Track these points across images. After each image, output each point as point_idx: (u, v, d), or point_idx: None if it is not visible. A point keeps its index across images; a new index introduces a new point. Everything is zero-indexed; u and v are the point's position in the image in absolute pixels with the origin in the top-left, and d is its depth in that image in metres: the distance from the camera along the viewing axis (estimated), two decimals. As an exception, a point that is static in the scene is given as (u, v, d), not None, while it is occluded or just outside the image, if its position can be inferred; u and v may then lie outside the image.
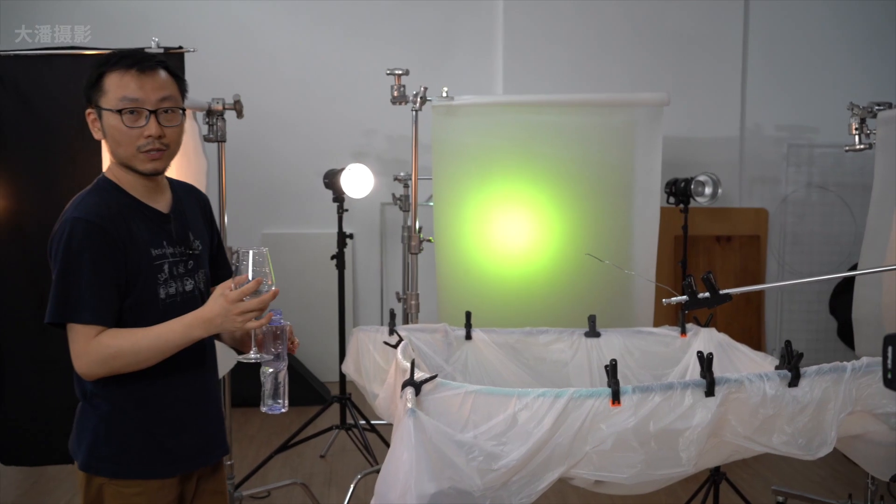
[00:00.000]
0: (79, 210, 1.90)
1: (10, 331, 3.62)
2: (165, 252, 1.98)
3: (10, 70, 3.46)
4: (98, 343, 1.85)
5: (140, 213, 1.97)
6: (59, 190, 3.50)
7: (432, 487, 1.93)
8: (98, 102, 1.93)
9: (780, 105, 6.11)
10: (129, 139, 1.92)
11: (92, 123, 1.98)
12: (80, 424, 2.01)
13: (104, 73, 1.92)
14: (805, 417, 2.14)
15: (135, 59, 1.92)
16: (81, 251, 1.86)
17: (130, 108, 1.90)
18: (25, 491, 4.14)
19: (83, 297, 1.85)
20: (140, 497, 1.94)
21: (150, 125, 1.91)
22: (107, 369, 1.88)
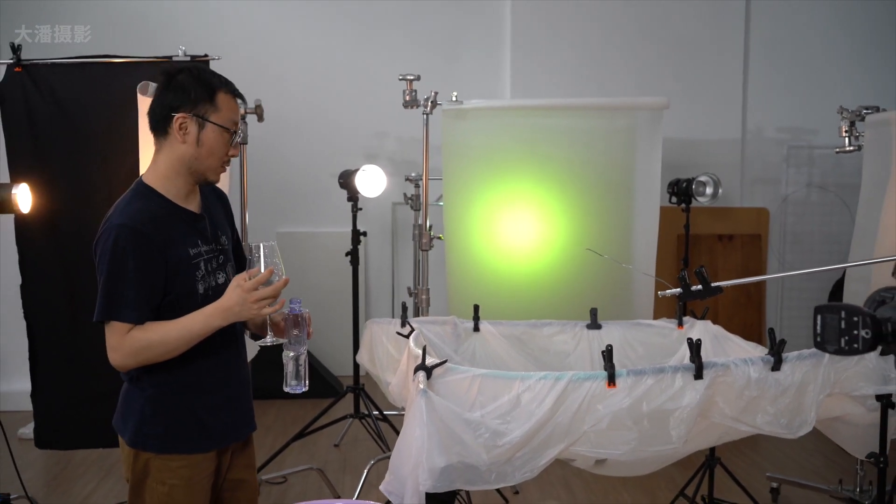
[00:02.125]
0: (123, 216, 2.02)
1: (43, 323, 3.83)
2: (201, 250, 2.13)
3: (45, 77, 3.66)
4: (130, 337, 2.00)
5: (177, 216, 2.11)
6: (92, 190, 3.72)
7: (442, 461, 2.12)
8: (207, 115, 2.06)
9: (780, 107, 6.27)
10: (222, 154, 2.12)
11: (180, 128, 2.06)
12: (126, 404, 2.18)
13: (216, 91, 2.08)
14: (787, 399, 2.31)
15: (235, 88, 2.14)
16: (126, 256, 1.99)
17: (234, 130, 2.11)
18: (55, 476, 4.34)
19: (127, 298, 1.99)
20: (184, 470, 2.13)
21: (237, 148, 2.17)
22: (139, 360, 2.04)
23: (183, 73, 2.09)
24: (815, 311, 1.38)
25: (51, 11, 5.65)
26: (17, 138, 3.72)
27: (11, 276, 3.82)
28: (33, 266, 3.80)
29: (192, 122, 2.06)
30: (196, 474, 2.15)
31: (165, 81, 2.10)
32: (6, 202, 2.98)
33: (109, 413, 3.86)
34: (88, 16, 5.65)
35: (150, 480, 2.13)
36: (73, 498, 4.04)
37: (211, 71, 2.15)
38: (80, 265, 3.79)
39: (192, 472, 2.14)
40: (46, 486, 4.21)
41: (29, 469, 4.32)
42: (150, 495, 2.14)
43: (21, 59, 3.69)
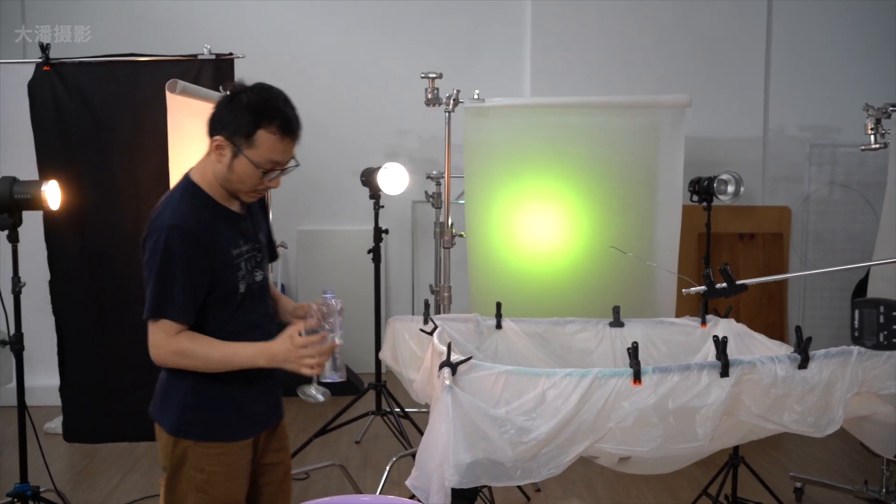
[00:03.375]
0: (174, 218, 2.05)
1: (71, 318, 3.89)
2: (242, 250, 2.17)
3: (73, 76, 3.71)
4: (176, 340, 2.05)
5: (222, 216, 2.16)
6: (118, 187, 3.77)
7: (468, 457, 2.13)
8: (242, 149, 2.05)
9: (803, 105, 6.23)
10: (252, 184, 2.12)
11: (217, 149, 2.07)
12: (165, 394, 2.22)
13: (260, 127, 2.04)
14: (814, 397, 2.30)
15: (291, 127, 2.08)
16: (176, 257, 2.03)
17: (269, 168, 2.09)
18: (81, 469, 4.38)
19: (176, 298, 2.03)
20: (223, 457, 2.18)
21: (277, 180, 2.14)
22: (176, 363, 2.09)
23: (245, 94, 2.07)
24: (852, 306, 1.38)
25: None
26: (46, 136, 3.78)
27: (40, 272, 3.86)
28: (61, 262, 3.85)
29: (227, 147, 2.07)
30: (235, 461, 2.20)
31: (229, 98, 2.10)
32: (36, 199, 3.03)
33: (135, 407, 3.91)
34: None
35: (186, 468, 2.17)
36: (98, 491, 4.08)
37: (273, 100, 2.08)
38: (107, 261, 3.84)
39: (231, 458, 2.19)
40: (73, 479, 4.26)
41: (56, 462, 4.37)
42: (186, 483, 2.18)
43: (49, 58, 3.74)
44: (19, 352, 3.21)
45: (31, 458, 3.38)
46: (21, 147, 3.92)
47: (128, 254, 3.80)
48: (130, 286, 3.84)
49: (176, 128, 3.03)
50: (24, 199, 3.01)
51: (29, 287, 3.26)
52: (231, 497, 2.21)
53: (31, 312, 4.03)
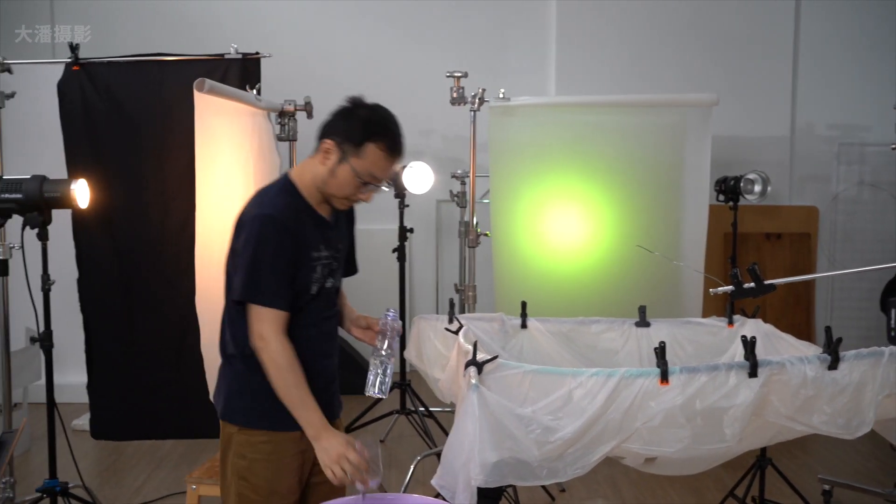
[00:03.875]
0: (271, 208, 2.14)
1: (99, 316, 3.93)
2: (321, 255, 2.22)
3: (102, 75, 3.75)
4: (284, 345, 2.11)
5: (311, 218, 2.22)
6: (146, 186, 3.81)
7: (494, 456, 2.13)
8: (349, 156, 2.15)
9: (831, 104, 6.16)
10: (350, 192, 2.20)
11: (325, 152, 2.17)
12: (220, 379, 2.29)
13: (369, 141, 2.15)
14: (844, 398, 2.27)
15: (397, 148, 2.20)
16: (270, 244, 2.10)
17: (369, 181, 2.18)
18: (108, 467, 4.43)
19: (271, 285, 2.11)
20: (266, 445, 2.21)
21: (371, 194, 2.23)
22: (267, 363, 2.12)
23: (364, 109, 2.21)
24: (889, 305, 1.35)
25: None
26: (75, 135, 3.82)
27: (68, 271, 3.91)
28: (89, 260, 3.89)
29: (335, 152, 2.16)
30: (278, 451, 2.21)
31: (347, 108, 2.21)
32: (65, 197, 3.06)
33: (162, 405, 3.98)
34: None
35: (230, 454, 2.23)
36: (126, 488, 4.12)
37: (386, 120, 2.21)
38: (135, 260, 3.88)
39: (274, 448, 2.21)
40: (100, 475, 4.30)
41: (83, 459, 4.41)
42: (231, 469, 2.23)
43: (79, 59, 3.78)
44: (48, 349, 3.24)
45: (60, 455, 3.42)
46: (51, 146, 3.96)
47: (155, 252, 3.85)
48: (158, 285, 3.88)
49: (203, 127, 3.04)
50: (54, 197, 3.04)
51: (58, 285, 3.30)
52: (271, 486, 2.22)
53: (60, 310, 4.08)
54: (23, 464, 4.40)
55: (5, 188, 3.03)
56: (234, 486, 2.23)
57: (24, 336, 4.34)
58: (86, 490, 3.58)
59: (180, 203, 3.67)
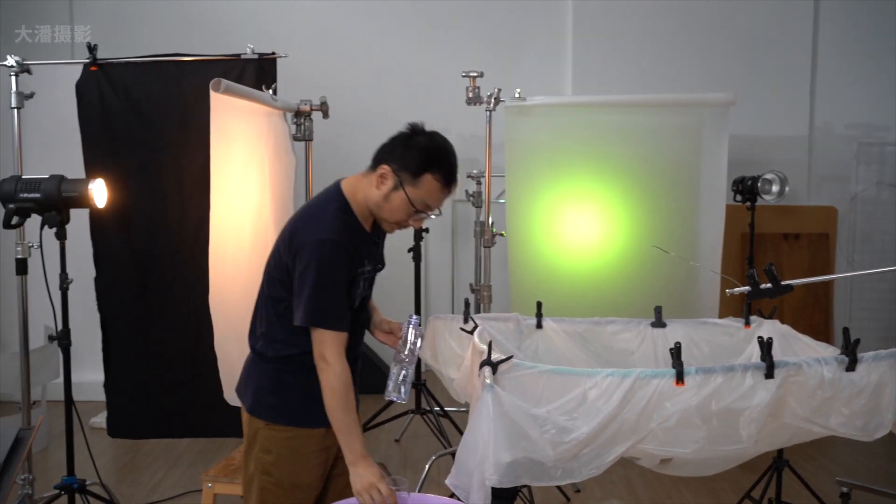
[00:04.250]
0: (333, 232, 2.18)
1: (116, 315, 3.96)
2: (365, 270, 2.30)
3: (120, 76, 3.78)
4: (345, 369, 2.18)
5: (360, 236, 2.28)
6: (163, 186, 3.83)
7: (508, 456, 2.12)
8: (405, 184, 2.19)
9: (850, 103, 6.10)
10: (402, 218, 2.26)
11: (382, 177, 2.21)
12: (248, 374, 2.34)
13: (426, 171, 2.19)
14: (862, 400, 2.25)
15: (454, 177, 2.24)
16: (333, 269, 2.16)
17: (422, 210, 2.24)
18: (124, 465, 4.46)
19: (335, 309, 2.18)
20: (291, 441, 2.27)
21: (419, 222, 2.30)
22: (324, 382, 2.18)
23: (422, 137, 2.23)
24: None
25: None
26: (93, 135, 3.84)
27: (86, 270, 3.93)
28: (107, 259, 3.92)
29: (391, 178, 2.20)
30: (302, 446, 2.28)
31: (406, 134, 2.25)
32: (83, 197, 3.07)
33: (178, 404, 4.00)
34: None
35: (256, 449, 2.28)
36: (142, 486, 4.14)
37: (444, 151, 2.23)
38: (152, 259, 3.90)
39: (298, 443, 2.27)
40: (117, 473, 4.33)
41: (101, 457, 4.43)
42: (255, 463, 2.29)
43: (97, 59, 3.80)
44: (66, 347, 3.26)
45: (78, 452, 3.45)
46: (69, 146, 3.99)
47: (172, 252, 3.87)
48: (174, 284, 3.90)
49: (219, 126, 3.06)
50: (72, 197, 3.06)
51: (77, 284, 3.32)
52: (294, 480, 2.28)
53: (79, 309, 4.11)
54: (41, 461, 4.43)
55: (24, 188, 3.05)
56: (257, 480, 2.29)
57: (44, 335, 4.37)
58: (103, 487, 3.60)
59: (197, 203, 3.69)
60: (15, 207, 3.06)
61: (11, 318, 5.35)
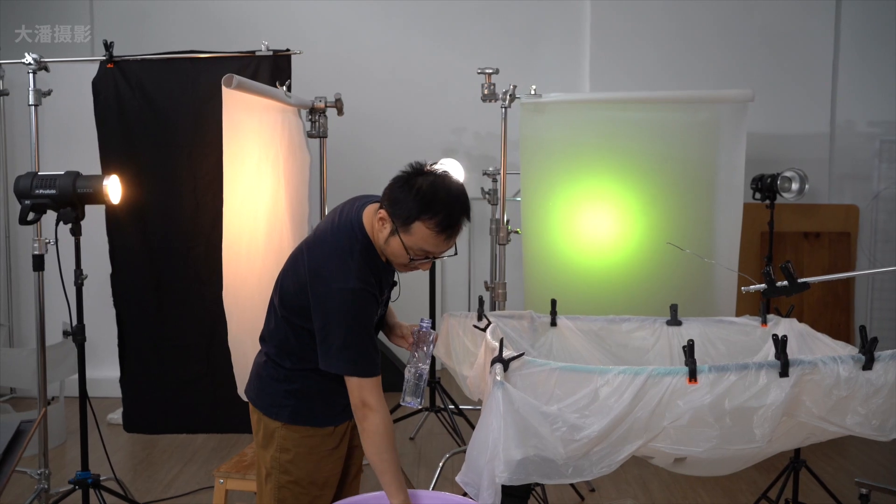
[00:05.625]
0: (359, 281, 2.13)
1: (131, 311, 3.97)
2: (384, 297, 2.34)
3: (136, 73, 3.79)
4: (386, 424, 2.18)
5: (380, 269, 2.25)
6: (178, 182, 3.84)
7: (519, 454, 2.11)
8: (399, 230, 2.14)
9: (872, 100, 6.02)
10: (402, 262, 2.21)
11: (381, 220, 2.17)
12: (261, 378, 2.35)
13: (418, 219, 2.11)
14: (879, 399, 2.21)
15: (451, 225, 2.13)
16: (364, 317, 2.16)
17: (420, 257, 2.18)
18: (140, 461, 4.48)
19: (370, 356, 2.17)
20: (309, 439, 2.29)
21: (425, 265, 2.23)
22: (364, 425, 2.18)
23: (425, 180, 2.14)
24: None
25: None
26: (109, 131, 3.87)
27: (102, 266, 3.96)
28: (122, 255, 3.94)
29: (388, 223, 2.16)
30: (319, 444, 2.30)
31: (405, 177, 2.17)
32: (98, 193, 3.09)
33: (194, 399, 4.01)
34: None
35: (273, 448, 2.30)
36: (157, 482, 4.16)
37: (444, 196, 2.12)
38: (167, 255, 3.92)
39: (316, 441, 2.30)
40: (133, 469, 4.35)
41: (117, 453, 4.48)
42: (272, 462, 2.30)
43: (113, 56, 3.82)
44: (81, 343, 3.28)
45: (95, 448, 3.47)
46: (86, 143, 4.02)
47: (187, 248, 3.89)
48: (189, 280, 3.91)
49: (232, 123, 3.05)
50: (87, 193, 3.08)
51: (94, 281, 3.34)
52: (311, 477, 2.31)
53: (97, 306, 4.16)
54: (58, 456, 4.46)
55: (40, 184, 3.08)
56: (274, 478, 2.30)
57: (61, 331, 4.40)
58: (118, 483, 3.62)
59: (211, 199, 3.71)
60: (31, 203, 3.09)
61: (29, 314, 5.42)
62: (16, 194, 3.11)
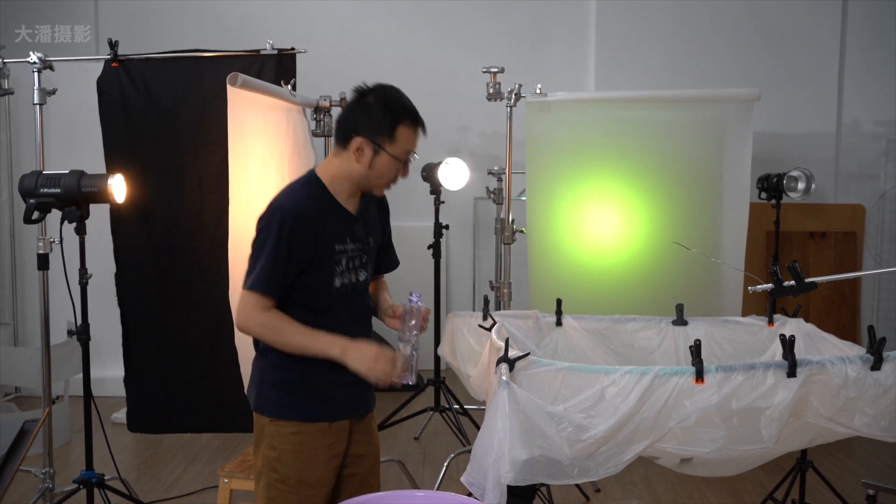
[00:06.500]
0: (290, 200, 2.18)
1: (135, 310, 3.97)
2: (347, 248, 2.25)
3: (140, 71, 3.79)
4: (267, 315, 2.15)
5: (335, 213, 2.24)
6: (183, 181, 3.84)
7: (524, 454, 2.10)
8: (384, 145, 2.19)
9: (879, 99, 5.99)
10: (391, 178, 2.26)
11: (357, 151, 2.19)
12: (253, 372, 2.32)
13: (399, 124, 2.20)
14: (887, 400, 2.20)
15: (419, 116, 2.26)
16: (277, 236, 2.12)
17: (406, 159, 2.24)
18: (145, 460, 4.48)
19: (269, 274, 2.13)
20: (296, 436, 2.23)
21: (406, 170, 2.29)
22: (257, 334, 2.21)
23: (373, 94, 2.21)
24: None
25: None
26: (114, 130, 3.86)
27: (107, 265, 3.95)
28: (127, 254, 3.93)
29: (368, 146, 2.19)
30: (308, 442, 2.23)
31: (356, 100, 2.23)
32: (102, 192, 3.09)
33: (198, 398, 4.00)
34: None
35: (263, 446, 2.26)
36: (162, 481, 4.16)
37: (398, 97, 2.24)
38: (172, 254, 3.91)
39: (303, 438, 2.23)
40: (138, 468, 4.35)
41: (122, 452, 4.48)
42: (263, 460, 2.27)
43: (118, 55, 3.82)
44: (85, 342, 3.28)
45: (100, 447, 3.46)
46: (91, 142, 4.01)
47: (191, 247, 3.88)
48: (194, 280, 3.90)
49: (236, 122, 3.05)
50: (91, 192, 3.07)
51: (100, 280, 3.33)
52: (300, 476, 2.24)
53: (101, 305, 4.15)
54: (63, 455, 4.46)
55: (45, 183, 3.08)
56: (264, 477, 2.26)
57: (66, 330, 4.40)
58: (122, 482, 3.62)
59: (216, 198, 3.69)
60: (35, 203, 3.08)
61: (34, 313, 5.42)
62: (20, 193, 3.11)
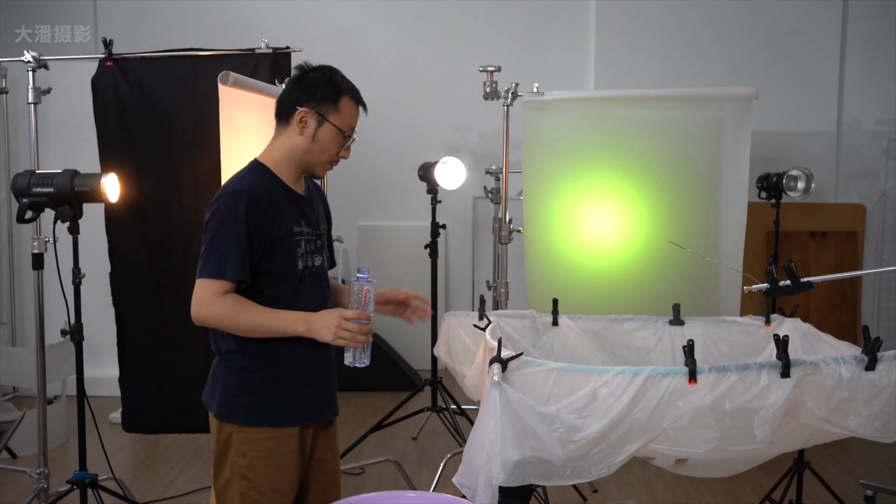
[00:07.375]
0: (241, 184, 2.16)
1: (130, 310, 3.96)
2: (303, 230, 2.23)
3: (135, 70, 3.78)
4: (224, 300, 2.09)
5: (286, 194, 2.22)
6: (177, 180, 3.83)
7: (516, 455, 2.08)
8: (327, 115, 2.19)
9: (880, 98, 5.96)
10: (333, 153, 2.24)
11: (300, 121, 2.19)
12: (214, 378, 2.26)
13: (342, 95, 2.21)
14: (882, 401, 2.19)
15: (361, 97, 2.27)
16: (232, 219, 2.09)
17: (349, 134, 2.23)
18: (141, 460, 4.47)
19: (226, 257, 2.08)
20: (265, 443, 2.18)
21: (348, 150, 2.28)
22: (217, 324, 2.13)
23: (316, 71, 2.24)
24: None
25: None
26: (108, 129, 3.86)
27: (102, 265, 3.95)
28: (121, 254, 3.92)
29: (312, 117, 2.19)
30: (277, 448, 2.19)
31: (298, 77, 2.25)
32: (96, 191, 3.08)
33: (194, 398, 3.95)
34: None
35: (231, 453, 2.20)
36: (158, 481, 4.15)
37: (341, 75, 2.26)
38: (166, 254, 3.91)
39: (273, 445, 2.19)
40: (134, 468, 4.34)
41: (118, 452, 4.46)
42: (230, 469, 2.20)
43: (112, 54, 3.81)
44: (79, 342, 3.27)
45: (95, 448, 3.45)
46: (86, 141, 4.01)
47: (186, 246, 3.87)
48: (189, 279, 3.86)
49: (229, 120, 3.04)
50: (85, 191, 3.07)
51: (94, 279, 3.32)
52: (273, 484, 2.19)
53: (97, 305, 4.14)
54: (59, 456, 4.46)
55: (38, 182, 3.07)
56: (235, 486, 2.19)
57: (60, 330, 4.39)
58: (116, 482, 3.61)
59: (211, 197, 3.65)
60: (28, 202, 3.08)
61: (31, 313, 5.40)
62: (13, 192, 3.11)
